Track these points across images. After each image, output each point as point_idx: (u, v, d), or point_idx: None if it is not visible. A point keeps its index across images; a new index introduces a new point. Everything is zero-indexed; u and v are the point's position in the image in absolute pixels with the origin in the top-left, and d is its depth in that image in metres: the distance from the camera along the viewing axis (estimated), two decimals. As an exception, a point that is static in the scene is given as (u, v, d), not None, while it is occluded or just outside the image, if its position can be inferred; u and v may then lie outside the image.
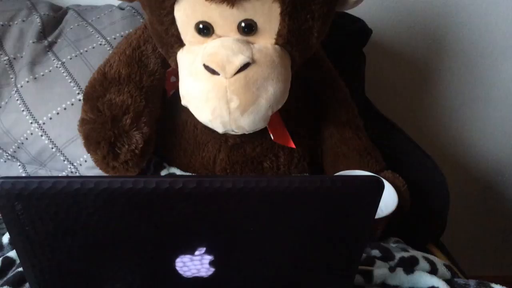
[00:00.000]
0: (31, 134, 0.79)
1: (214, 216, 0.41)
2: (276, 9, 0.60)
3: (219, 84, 0.59)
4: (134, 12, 0.91)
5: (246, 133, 0.65)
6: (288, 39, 0.62)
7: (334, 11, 0.67)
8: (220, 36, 0.62)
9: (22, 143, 0.80)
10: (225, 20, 0.60)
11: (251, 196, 0.40)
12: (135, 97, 0.69)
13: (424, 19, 1.18)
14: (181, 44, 0.65)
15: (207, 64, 0.60)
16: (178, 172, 0.76)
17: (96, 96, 0.69)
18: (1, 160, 0.84)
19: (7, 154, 0.83)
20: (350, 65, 0.96)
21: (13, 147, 0.81)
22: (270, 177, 0.48)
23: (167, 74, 0.73)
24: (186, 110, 0.73)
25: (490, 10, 1.17)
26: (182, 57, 0.65)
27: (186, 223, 0.42)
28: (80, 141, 0.78)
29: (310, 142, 0.79)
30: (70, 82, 0.81)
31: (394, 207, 0.67)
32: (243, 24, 0.61)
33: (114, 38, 0.85)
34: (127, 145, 0.67)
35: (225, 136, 0.73)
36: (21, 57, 0.85)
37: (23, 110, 0.79)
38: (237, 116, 0.61)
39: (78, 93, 0.80)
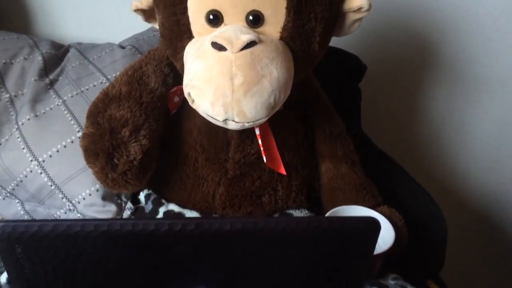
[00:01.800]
0: (31, 171, 0.79)
1: (213, 257, 0.42)
2: (283, 3, 0.63)
3: (224, 58, 0.60)
4: (135, 51, 0.93)
5: (247, 125, 0.63)
6: (293, 35, 0.65)
7: (334, 24, 0.70)
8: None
9: (21, 181, 0.80)
10: (235, 8, 0.63)
11: (250, 237, 0.41)
12: (134, 111, 0.70)
13: (416, 52, 1.21)
14: (190, 35, 0.67)
15: (215, 40, 0.61)
16: (176, 208, 0.76)
17: (97, 112, 0.70)
18: (0, 197, 0.84)
19: (6, 192, 0.83)
20: (346, 100, 0.98)
21: (12, 184, 0.81)
22: (268, 218, 0.49)
23: (171, 94, 0.74)
24: (188, 141, 0.75)
25: (484, 44, 1.20)
26: (190, 46, 0.66)
27: (185, 264, 0.42)
28: (79, 179, 0.79)
29: (308, 176, 0.80)
30: (71, 120, 0.82)
31: (391, 243, 0.67)
32: (250, 17, 0.64)
33: (115, 77, 0.86)
34: (125, 156, 0.67)
35: (225, 168, 0.74)
36: (22, 94, 0.86)
37: (23, 148, 0.80)
38: (240, 95, 0.60)
39: (78, 131, 0.81)
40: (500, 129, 1.30)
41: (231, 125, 0.63)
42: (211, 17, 0.65)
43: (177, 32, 0.68)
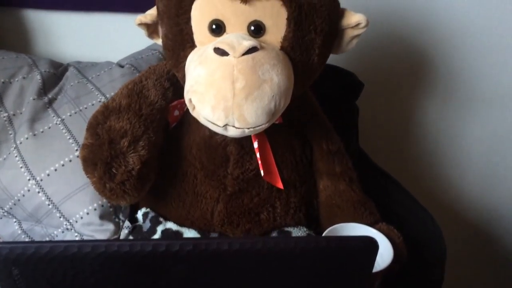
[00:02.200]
0: (28, 190, 0.79)
1: (211, 277, 0.42)
2: (284, 14, 0.65)
3: (226, 62, 0.61)
4: (133, 70, 0.93)
5: (247, 131, 0.64)
6: (293, 45, 0.66)
7: (333, 39, 0.72)
8: None
9: (19, 200, 0.80)
10: (237, 18, 0.65)
11: (248, 257, 0.41)
12: (133, 123, 0.70)
13: (412, 69, 1.22)
14: (192, 45, 0.68)
15: (217, 46, 0.62)
16: (174, 227, 0.76)
17: (97, 123, 0.71)
18: (-3, 216, 0.84)
19: (3, 211, 0.83)
20: (344, 118, 0.98)
21: (10, 203, 0.81)
22: (266, 238, 0.49)
23: (171, 108, 0.75)
24: (187, 158, 0.75)
25: (478, 61, 1.22)
26: (193, 54, 0.68)
27: (183, 285, 0.42)
28: (77, 197, 0.79)
29: (306, 193, 0.80)
30: (69, 139, 0.82)
31: (389, 261, 0.67)
32: (252, 27, 0.65)
33: (114, 95, 0.87)
34: (123, 166, 0.68)
35: (224, 184, 0.74)
36: (21, 113, 0.87)
37: (21, 167, 0.80)
38: (241, 99, 0.61)
39: (77, 150, 0.81)
40: (493, 143, 1.31)
41: (231, 131, 0.64)
42: (213, 26, 0.66)
43: (180, 41, 0.69)
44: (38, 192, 0.79)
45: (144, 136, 0.70)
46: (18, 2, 1.04)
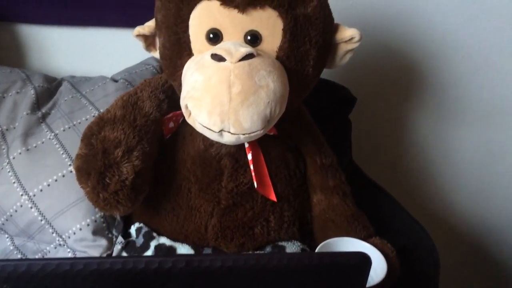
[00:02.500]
0: (21, 206, 0.79)
1: (204, 294, 0.41)
2: (280, 24, 0.67)
3: (223, 67, 0.62)
4: (127, 84, 0.93)
5: (242, 137, 0.64)
6: (288, 55, 0.68)
7: (327, 52, 0.73)
8: None
9: (11, 216, 0.80)
10: (234, 27, 0.67)
11: (241, 274, 0.41)
12: (128, 133, 0.70)
13: (404, 84, 1.23)
14: (190, 53, 0.69)
15: (214, 52, 0.63)
16: (168, 242, 0.76)
17: (91, 134, 0.71)
18: (-11, 232, 0.83)
19: (-5, 227, 0.82)
20: (337, 132, 0.99)
21: (2, 219, 0.81)
22: (259, 255, 0.49)
23: (166, 120, 0.75)
24: (181, 172, 0.75)
25: (470, 77, 1.23)
26: (190, 61, 0.68)
27: (176, 302, 0.41)
28: (70, 213, 0.79)
29: (300, 207, 0.80)
30: (62, 153, 0.82)
31: (383, 275, 0.67)
32: (249, 37, 0.67)
33: (108, 110, 0.87)
34: (117, 176, 0.67)
35: (218, 198, 0.74)
36: (14, 128, 0.86)
37: (14, 182, 0.79)
38: (237, 104, 0.61)
39: (70, 165, 0.80)
40: (485, 156, 1.32)
41: (226, 137, 0.64)
42: (211, 35, 0.68)
43: (177, 50, 0.70)
44: (31, 208, 0.79)
45: (138, 146, 0.70)
46: (12, 17, 1.05)
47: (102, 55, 1.11)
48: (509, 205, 1.38)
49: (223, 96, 0.61)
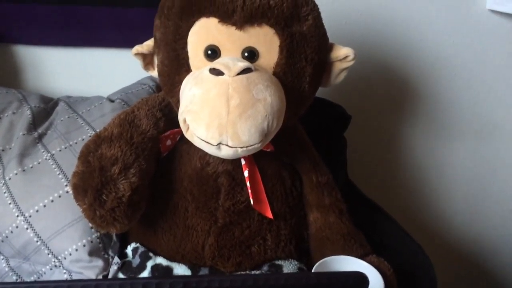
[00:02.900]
0: (17, 227, 0.79)
1: (201, 316, 0.41)
2: (276, 41, 0.69)
3: (222, 81, 0.63)
4: (124, 104, 0.94)
5: (239, 150, 0.65)
6: (285, 71, 0.69)
7: (323, 70, 0.75)
8: None
9: (7, 237, 0.79)
10: (232, 43, 0.68)
11: (238, 294, 0.40)
12: (125, 151, 0.71)
13: (398, 102, 1.24)
14: (188, 69, 0.71)
15: (213, 67, 0.65)
16: (164, 262, 0.75)
17: (88, 152, 0.71)
18: (-16, 253, 0.82)
19: (-10, 248, 0.81)
20: (332, 150, 0.99)
21: (-3, 240, 0.80)
22: (256, 275, 0.48)
23: (163, 137, 0.76)
24: (178, 191, 0.75)
25: (463, 95, 1.24)
26: (188, 77, 0.70)
27: (173, 324, 0.41)
28: (66, 234, 0.78)
29: (296, 226, 0.80)
30: (59, 174, 0.82)
31: (381, 294, 0.67)
32: (246, 53, 0.68)
33: (104, 130, 0.87)
34: (114, 193, 0.67)
35: (215, 216, 0.74)
36: (10, 149, 0.86)
37: (10, 203, 0.79)
38: (235, 117, 0.62)
39: (66, 185, 0.80)
40: (480, 173, 1.33)
41: (224, 151, 0.65)
42: (209, 52, 0.69)
43: (176, 66, 0.71)
44: (27, 229, 0.79)
45: (135, 163, 0.70)
46: (8, 38, 1.06)
47: (98, 75, 1.11)
48: (505, 221, 1.39)
49: (221, 109, 0.62)
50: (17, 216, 0.79)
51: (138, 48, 0.77)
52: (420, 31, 1.17)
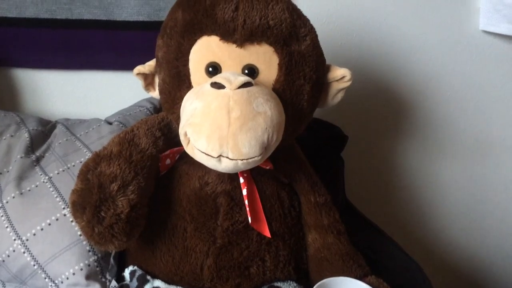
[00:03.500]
0: (14, 251, 0.78)
1: None
2: (275, 60, 0.71)
3: (223, 94, 0.65)
4: (122, 126, 0.94)
5: (240, 163, 0.65)
6: (284, 88, 0.71)
7: (320, 89, 0.77)
8: None
9: (4, 261, 0.79)
10: (232, 61, 0.70)
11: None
12: (124, 168, 0.71)
13: (394, 121, 1.25)
14: (189, 85, 0.72)
15: (214, 80, 0.66)
16: (162, 285, 0.75)
17: (87, 170, 0.72)
18: (-19, 278, 0.82)
19: (-13, 273, 0.81)
20: (330, 170, 1.00)
21: (-6, 265, 0.80)
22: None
23: (163, 156, 0.76)
24: (177, 211, 0.75)
25: (457, 115, 1.26)
26: (190, 93, 0.71)
27: None
28: (63, 257, 0.78)
29: (295, 246, 0.80)
30: (56, 197, 0.82)
31: (380, 315, 0.67)
32: (246, 70, 0.70)
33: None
34: (112, 209, 0.67)
35: (214, 237, 0.74)
36: (8, 172, 0.86)
37: (7, 227, 0.79)
38: (236, 129, 0.63)
39: (64, 208, 0.80)
40: (477, 192, 1.33)
41: (224, 163, 0.65)
42: (210, 68, 0.71)
43: (177, 83, 0.73)
44: (24, 253, 0.78)
45: (134, 181, 0.71)
46: (6, 61, 1.07)
47: (96, 97, 1.12)
48: (502, 241, 1.39)
49: (222, 121, 0.63)
50: (14, 239, 0.78)
51: (140, 68, 0.78)
52: (414, 52, 1.19)
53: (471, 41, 1.20)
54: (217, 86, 0.65)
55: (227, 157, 0.64)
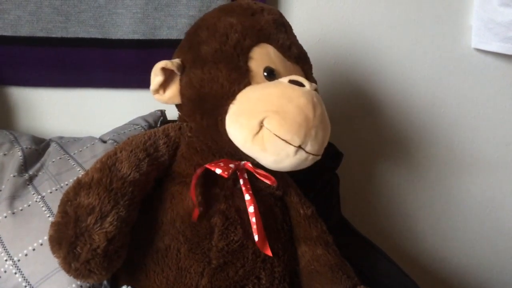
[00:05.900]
0: (5, 272, 0.77)
1: None
2: (303, 75, 0.79)
3: (307, 91, 0.70)
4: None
5: (310, 158, 0.71)
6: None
7: None
8: None
9: (-5, 282, 0.77)
10: (284, 70, 0.77)
11: None
12: (102, 199, 0.69)
13: (389, 138, 1.26)
14: (248, 82, 0.74)
15: (293, 79, 0.71)
16: (156, 307, 0.74)
17: (67, 200, 0.70)
18: (-29, 300, 0.80)
19: (-23, 295, 0.79)
20: (326, 188, 1.00)
21: (-15, 286, 0.78)
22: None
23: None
24: (170, 232, 0.74)
25: (451, 132, 1.26)
26: (252, 87, 0.73)
27: None
28: (55, 278, 0.77)
29: (289, 262, 0.79)
30: (49, 216, 0.81)
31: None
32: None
33: (96, 171, 0.87)
34: (88, 244, 0.66)
35: (209, 257, 0.73)
36: (0, 191, 0.85)
37: (-2, 247, 0.78)
38: (318, 124, 0.69)
39: (56, 227, 0.79)
40: (475, 209, 1.34)
41: (298, 155, 0.69)
42: (269, 71, 0.76)
43: (237, 77, 0.74)
44: (15, 273, 0.77)
45: (113, 211, 0.69)
46: (0, 80, 1.07)
47: (91, 115, 1.12)
48: (500, 261, 1.39)
49: (310, 114, 0.68)
50: (6, 260, 0.77)
51: (167, 62, 0.76)
52: (407, 70, 1.21)
53: (463, 58, 1.21)
54: (298, 83, 0.70)
55: (304, 149, 0.69)
